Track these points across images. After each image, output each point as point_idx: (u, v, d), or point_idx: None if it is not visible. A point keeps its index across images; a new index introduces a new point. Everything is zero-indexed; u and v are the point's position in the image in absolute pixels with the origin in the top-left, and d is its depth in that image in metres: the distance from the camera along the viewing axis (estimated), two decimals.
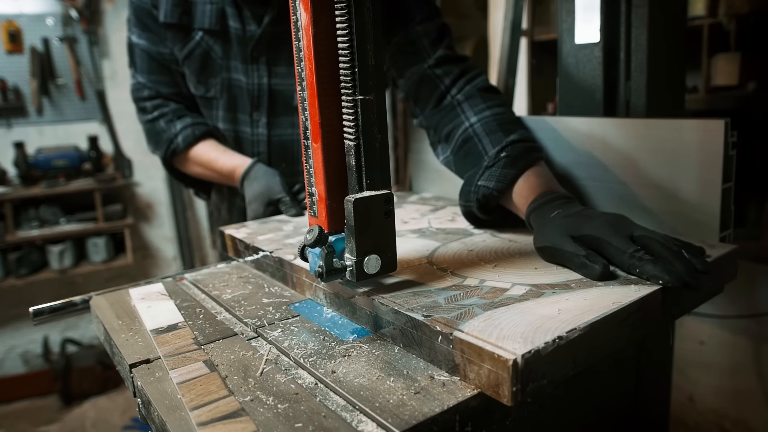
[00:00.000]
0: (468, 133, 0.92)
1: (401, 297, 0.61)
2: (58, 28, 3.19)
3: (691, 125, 0.79)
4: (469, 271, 0.69)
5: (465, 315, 0.56)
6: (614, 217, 0.69)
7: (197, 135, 1.15)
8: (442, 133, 0.98)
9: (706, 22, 2.50)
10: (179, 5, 1.08)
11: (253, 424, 0.46)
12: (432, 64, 1.00)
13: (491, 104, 0.94)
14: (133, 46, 1.16)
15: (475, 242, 0.82)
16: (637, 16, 0.99)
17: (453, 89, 0.98)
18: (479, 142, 0.91)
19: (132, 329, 0.69)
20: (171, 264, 3.64)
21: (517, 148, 0.86)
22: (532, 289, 0.62)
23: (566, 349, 0.50)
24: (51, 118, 3.24)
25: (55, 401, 3.10)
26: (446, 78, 0.98)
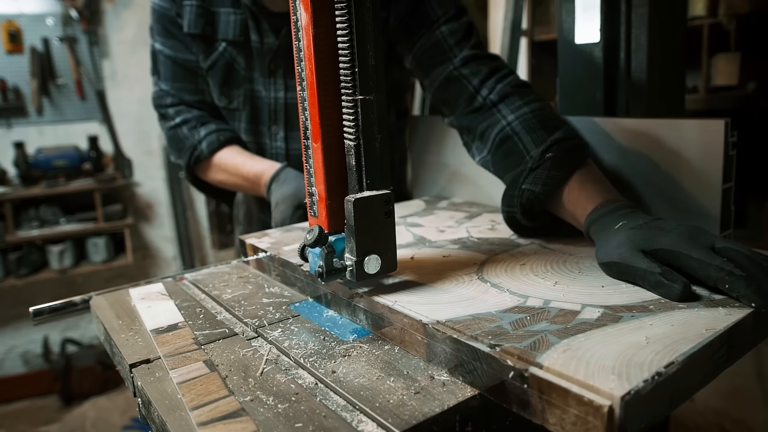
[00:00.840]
0: (506, 131, 0.87)
1: (460, 321, 0.53)
2: (58, 28, 3.20)
3: (691, 125, 0.79)
4: (529, 289, 0.61)
5: (539, 344, 0.48)
6: (690, 228, 0.61)
7: (222, 141, 1.11)
8: (476, 131, 0.92)
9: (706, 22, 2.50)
10: (203, 15, 1.06)
11: (253, 424, 0.46)
12: (458, 64, 0.95)
13: (528, 100, 0.88)
14: (157, 53, 1.14)
15: (526, 255, 0.74)
16: (637, 16, 0.99)
17: (483, 89, 0.92)
18: (519, 141, 0.85)
19: (132, 329, 0.69)
20: (171, 264, 3.65)
21: (563, 147, 0.80)
22: (607, 312, 0.54)
23: (664, 386, 0.43)
24: (51, 118, 3.24)
25: (55, 401, 3.10)
26: (474, 78, 0.93)
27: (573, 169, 0.78)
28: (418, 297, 0.61)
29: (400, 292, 0.62)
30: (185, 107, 1.14)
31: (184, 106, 1.14)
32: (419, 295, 0.61)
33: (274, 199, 1.02)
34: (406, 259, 0.74)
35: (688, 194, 0.80)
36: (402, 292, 0.62)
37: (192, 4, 1.07)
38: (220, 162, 1.12)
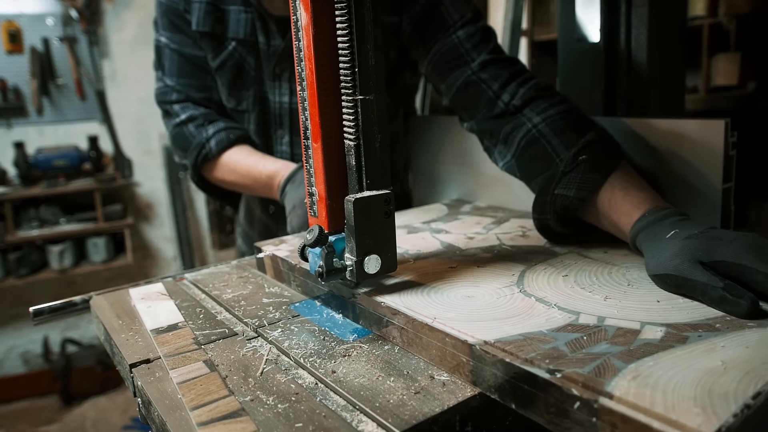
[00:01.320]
0: (532, 134, 0.82)
1: (511, 342, 0.49)
2: (58, 28, 3.20)
3: (691, 125, 0.79)
4: (578, 305, 0.57)
5: (604, 370, 0.43)
6: (752, 238, 0.57)
7: (232, 139, 1.05)
8: (499, 135, 0.88)
9: (706, 22, 2.51)
10: (212, 13, 1.03)
11: (253, 424, 0.47)
12: (476, 68, 0.91)
13: (554, 101, 0.84)
14: (162, 47, 1.09)
15: (567, 265, 0.69)
16: (637, 16, 0.99)
17: (504, 94, 0.88)
18: (548, 144, 0.80)
19: (132, 329, 0.69)
20: (171, 264, 3.65)
21: (597, 148, 0.76)
22: (671, 331, 0.49)
23: (753, 420, 0.38)
24: (51, 118, 3.25)
25: (55, 401, 3.10)
26: (494, 83, 0.89)
27: (609, 172, 0.74)
28: (456, 312, 0.56)
29: (439, 306, 0.58)
30: (192, 104, 1.09)
31: (190, 102, 1.09)
32: (458, 310, 0.56)
33: (290, 203, 0.94)
34: (444, 269, 0.69)
35: (688, 194, 0.80)
36: (440, 305, 0.57)
37: (202, 1, 1.03)
38: (229, 162, 1.06)
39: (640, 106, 1.01)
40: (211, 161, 1.08)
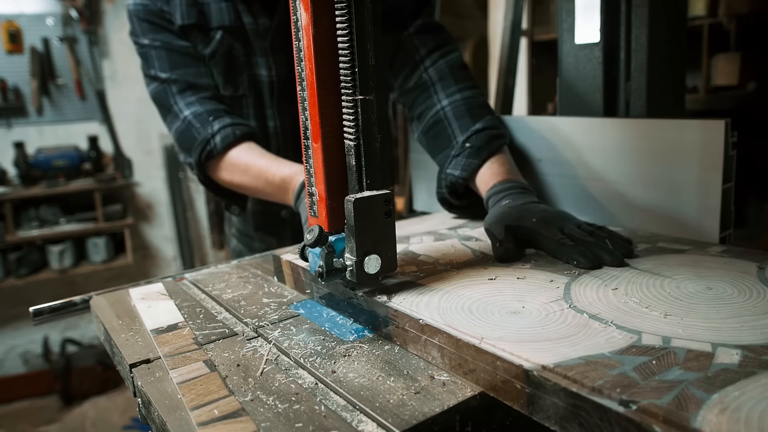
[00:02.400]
0: (439, 115, 0.99)
1: (572, 366, 0.44)
2: (58, 28, 3.20)
3: (691, 125, 0.79)
4: (637, 323, 0.51)
5: (685, 401, 0.39)
6: (554, 213, 0.76)
7: (238, 135, 1.01)
8: (415, 112, 1.04)
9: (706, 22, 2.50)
10: (194, 5, 1.03)
11: (253, 424, 0.46)
12: (412, 32, 1.03)
13: (462, 86, 0.99)
14: (147, 49, 1.06)
15: (613, 276, 0.64)
16: (637, 16, 0.99)
17: (427, 61, 1.02)
18: (448, 126, 0.97)
19: (132, 329, 0.69)
20: (171, 264, 3.65)
21: (481, 137, 0.92)
22: (748, 355, 0.45)
23: None
24: (51, 118, 3.25)
25: (55, 401, 3.10)
26: (422, 48, 1.02)
27: (487, 158, 0.91)
28: (504, 331, 0.51)
29: (483, 324, 0.53)
30: (196, 98, 1.05)
31: (192, 93, 1.05)
32: (506, 329, 0.52)
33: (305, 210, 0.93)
34: (482, 281, 0.65)
35: (688, 194, 0.80)
36: (485, 323, 0.53)
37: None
38: (236, 160, 1.02)
39: (640, 106, 1.01)
40: (216, 158, 1.03)
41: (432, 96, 1.00)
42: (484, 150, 0.91)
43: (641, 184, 0.86)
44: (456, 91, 0.99)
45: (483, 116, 0.96)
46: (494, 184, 0.87)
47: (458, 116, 0.96)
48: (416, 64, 1.03)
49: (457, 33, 3.53)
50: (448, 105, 0.98)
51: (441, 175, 0.96)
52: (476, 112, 0.96)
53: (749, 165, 1.47)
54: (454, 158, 0.93)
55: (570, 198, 0.97)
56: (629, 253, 0.69)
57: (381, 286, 0.65)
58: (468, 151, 0.92)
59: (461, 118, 0.96)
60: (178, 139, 1.07)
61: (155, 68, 1.06)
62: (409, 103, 1.05)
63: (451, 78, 1.00)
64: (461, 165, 0.92)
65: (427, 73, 1.02)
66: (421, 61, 1.02)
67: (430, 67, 1.02)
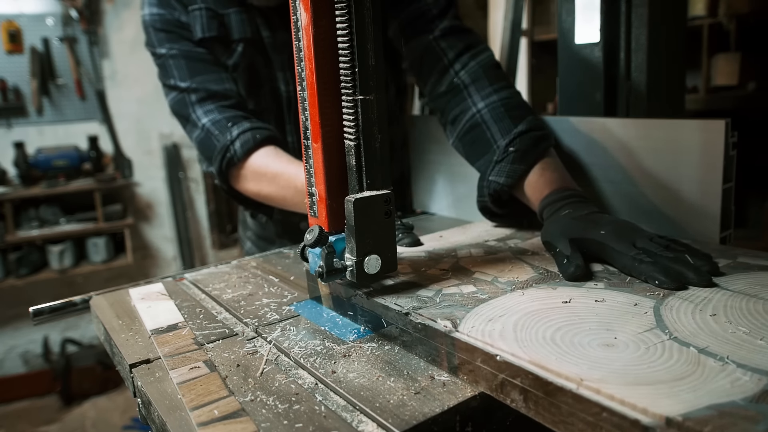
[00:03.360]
0: (475, 119, 0.92)
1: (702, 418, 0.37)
2: (58, 28, 3.20)
3: (691, 125, 0.79)
4: (758, 359, 0.43)
5: None
6: (622, 224, 0.69)
7: (258, 140, 0.96)
8: (449, 116, 0.97)
9: (706, 22, 2.51)
10: (214, 17, 1.01)
11: (253, 424, 0.46)
12: (438, 35, 0.98)
13: (498, 86, 0.93)
14: (166, 58, 1.03)
15: (705, 298, 0.56)
16: (637, 16, 0.99)
17: (456, 64, 0.96)
18: (487, 130, 0.90)
19: (132, 329, 0.69)
20: (171, 264, 3.65)
21: (525, 140, 0.86)
22: None
23: None
24: (51, 118, 3.25)
25: (55, 401, 3.10)
26: (450, 52, 0.97)
27: (533, 162, 0.84)
28: (604, 370, 0.43)
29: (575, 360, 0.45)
30: (215, 106, 1.01)
31: (211, 102, 1.01)
32: (604, 367, 0.43)
33: None
34: (557, 304, 0.56)
35: (688, 194, 0.80)
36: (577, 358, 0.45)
37: (200, 8, 1.01)
38: (259, 167, 0.96)
39: (640, 106, 1.01)
40: (237, 165, 0.98)
41: (466, 99, 0.94)
42: (530, 154, 0.84)
43: (641, 184, 0.86)
44: (492, 92, 0.92)
45: (524, 117, 0.89)
46: (548, 193, 0.80)
47: (497, 119, 0.90)
48: (445, 68, 0.97)
49: None
50: (485, 107, 0.91)
51: (482, 183, 0.89)
52: (516, 113, 0.90)
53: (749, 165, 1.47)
54: (497, 164, 0.86)
55: None
56: (715, 270, 0.61)
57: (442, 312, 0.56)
58: (512, 156, 0.85)
59: (500, 120, 0.89)
60: (199, 148, 1.03)
61: (174, 78, 1.02)
62: (441, 108, 0.99)
63: (485, 79, 0.94)
64: (506, 171, 0.85)
65: (458, 76, 0.95)
66: (451, 64, 0.96)
67: (461, 70, 0.95)
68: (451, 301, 0.59)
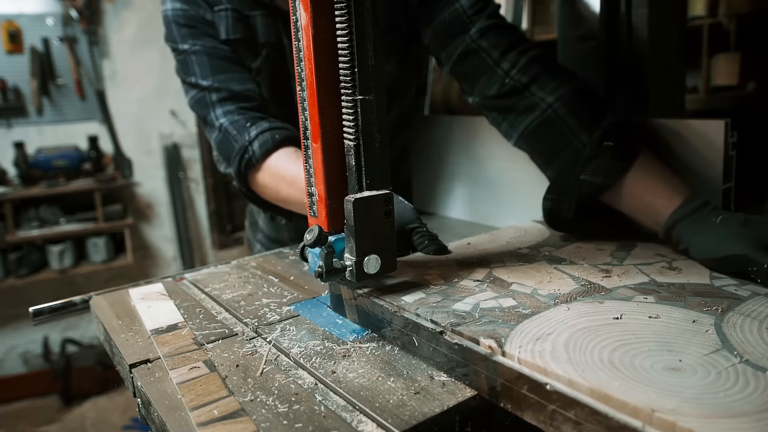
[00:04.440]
0: (547, 114, 0.83)
1: None
2: (58, 28, 3.20)
3: (691, 125, 0.79)
4: None
5: None
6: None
7: (277, 140, 0.92)
8: (509, 117, 0.89)
9: (706, 22, 2.50)
10: (240, 20, 0.98)
11: (253, 424, 0.46)
12: (475, 36, 0.90)
13: (565, 78, 0.84)
14: (188, 54, 0.99)
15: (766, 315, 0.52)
16: (637, 16, 0.99)
17: (504, 62, 0.88)
18: (563, 124, 0.81)
19: (132, 329, 0.69)
20: (171, 264, 3.65)
21: (621, 133, 0.76)
22: None
23: None
24: (51, 118, 3.25)
25: (55, 401, 3.10)
26: (493, 50, 0.89)
27: (635, 158, 0.75)
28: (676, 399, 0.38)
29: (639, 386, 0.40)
30: (235, 107, 0.98)
31: (232, 102, 0.98)
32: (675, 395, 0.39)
33: None
34: (607, 320, 0.52)
35: None
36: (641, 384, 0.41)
37: (227, 9, 0.98)
38: (276, 169, 0.92)
39: (640, 106, 1.01)
40: (255, 167, 0.94)
41: (528, 97, 0.85)
42: (630, 150, 0.74)
43: None
44: (559, 84, 0.83)
45: (605, 108, 0.80)
46: (685, 200, 0.70)
47: (575, 112, 0.80)
48: (491, 67, 0.89)
49: None
50: (556, 101, 0.82)
51: (566, 181, 0.78)
52: (596, 104, 0.81)
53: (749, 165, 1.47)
54: (591, 161, 0.76)
55: None
56: None
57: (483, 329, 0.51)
58: (611, 152, 0.75)
59: (579, 114, 0.80)
60: (217, 149, 1.00)
61: (195, 75, 0.99)
62: (498, 109, 0.90)
63: (546, 74, 0.85)
64: (604, 169, 0.75)
65: (509, 76, 0.87)
66: (497, 63, 0.88)
67: (511, 69, 0.87)
68: (491, 316, 0.54)
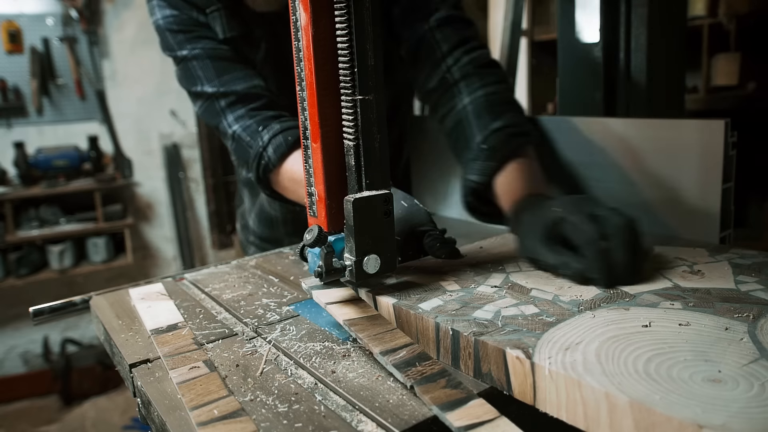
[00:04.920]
0: (460, 115, 0.90)
1: None
2: (58, 28, 3.20)
3: (691, 125, 0.79)
4: None
5: None
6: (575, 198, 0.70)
7: (290, 142, 0.90)
8: (438, 114, 0.96)
9: (706, 22, 2.50)
10: (235, 16, 0.97)
11: (253, 423, 0.46)
12: (433, 25, 0.94)
13: (487, 82, 0.90)
14: (188, 60, 0.97)
15: None
16: (637, 16, 0.99)
17: (449, 58, 0.93)
18: (468, 127, 0.88)
19: (132, 329, 0.69)
20: (171, 264, 3.65)
21: (498, 137, 0.83)
22: None
23: None
24: (51, 118, 3.24)
25: (55, 401, 3.10)
26: (444, 44, 0.93)
27: (504, 159, 0.81)
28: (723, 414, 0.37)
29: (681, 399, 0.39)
30: (245, 110, 0.96)
31: (241, 106, 0.96)
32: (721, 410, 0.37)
33: None
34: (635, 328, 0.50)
35: (688, 194, 0.80)
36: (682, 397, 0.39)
37: (219, 8, 0.97)
38: (293, 174, 0.90)
39: (640, 106, 1.01)
40: (273, 171, 0.93)
41: (455, 96, 0.91)
42: (499, 151, 0.82)
43: (641, 184, 0.86)
44: (479, 87, 0.89)
45: (504, 113, 0.86)
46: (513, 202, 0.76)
47: (478, 115, 0.87)
48: (437, 61, 0.94)
49: None
50: (470, 104, 0.89)
51: (463, 182, 0.87)
52: (498, 109, 0.87)
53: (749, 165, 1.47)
54: (472, 162, 0.84)
55: None
56: None
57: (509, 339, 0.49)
58: (484, 153, 0.83)
59: (480, 117, 0.86)
60: (234, 156, 1.01)
61: (200, 81, 0.97)
62: (432, 104, 0.97)
63: (475, 75, 0.90)
64: (478, 170, 0.83)
65: (450, 72, 0.92)
66: (443, 58, 0.93)
67: (453, 65, 0.92)
68: (515, 324, 0.52)
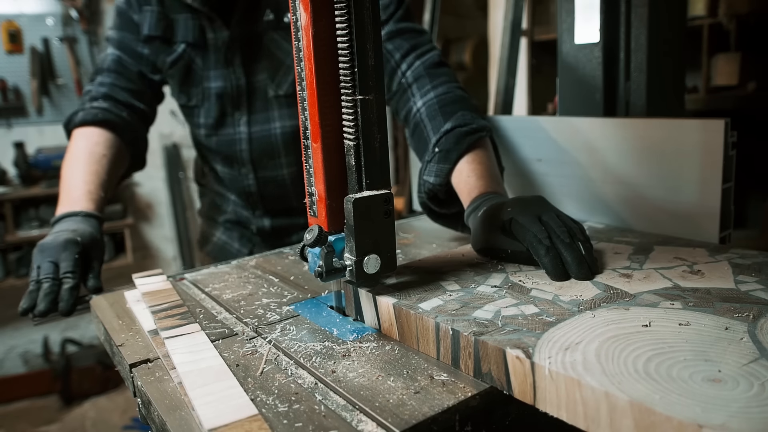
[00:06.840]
0: (416, 118, 0.96)
1: None
2: (58, 28, 3.20)
3: (691, 125, 0.79)
4: None
5: None
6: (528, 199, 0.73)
7: (98, 117, 1.06)
8: (400, 117, 1.02)
9: (706, 22, 2.50)
10: (162, 20, 1.11)
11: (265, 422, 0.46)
12: (384, 38, 1.00)
13: (436, 83, 0.96)
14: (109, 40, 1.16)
15: None
16: (637, 16, 0.99)
17: (403, 64, 0.99)
18: (424, 129, 0.94)
19: (132, 329, 0.69)
20: (171, 264, 3.65)
21: (450, 138, 0.88)
22: None
23: None
24: (51, 118, 3.24)
25: (55, 401, 3.10)
26: (396, 53, 1.00)
27: (458, 159, 0.86)
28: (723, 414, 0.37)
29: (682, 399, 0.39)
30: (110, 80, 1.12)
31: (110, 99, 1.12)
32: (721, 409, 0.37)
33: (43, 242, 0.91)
34: (636, 328, 0.50)
35: (688, 194, 0.80)
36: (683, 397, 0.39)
37: (153, 10, 1.10)
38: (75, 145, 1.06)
39: (640, 106, 1.01)
40: (72, 130, 1.09)
41: (410, 99, 0.98)
42: (453, 152, 0.86)
43: (641, 184, 0.86)
44: (430, 89, 0.96)
45: (454, 113, 0.91)
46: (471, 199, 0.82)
47: (431, 117, 0.93)
48: (393, 69, 1.01)
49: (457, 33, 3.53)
50: (423, 106, 0.95)
51: (419, 183, 0.91)
52: (448, 109, 0.92)
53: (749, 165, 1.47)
54: (428, 164, 0.89)
55: (570, 198, 0.97)
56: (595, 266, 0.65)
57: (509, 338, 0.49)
58: (438, 156, 0.88)
59: (434, 118, 0.92)
60: None
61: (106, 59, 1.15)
62: (393, 108, 1.04)
63: (426, 77, 0.97)
64: (434, 171, 0.88)
65: (405, 77, 0.99)
66: (398, 65, 1.00)
67: (407, 70, 0.99)
68: (515, 324, 0.53)
